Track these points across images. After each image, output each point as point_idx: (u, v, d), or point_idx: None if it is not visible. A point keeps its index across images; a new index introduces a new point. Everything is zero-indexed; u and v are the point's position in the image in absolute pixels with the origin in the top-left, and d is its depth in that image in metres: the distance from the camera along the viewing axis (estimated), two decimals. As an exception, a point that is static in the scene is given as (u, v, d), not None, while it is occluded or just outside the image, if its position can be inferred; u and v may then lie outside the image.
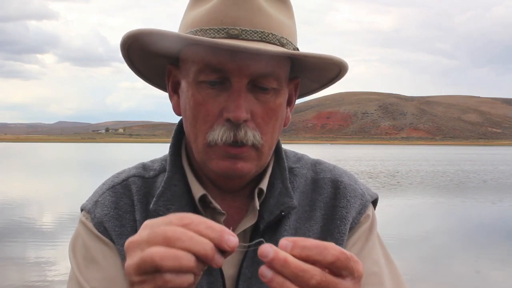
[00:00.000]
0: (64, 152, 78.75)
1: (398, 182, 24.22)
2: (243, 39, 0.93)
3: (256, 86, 0.96)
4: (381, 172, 30.93)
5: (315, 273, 0.66)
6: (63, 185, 22.43)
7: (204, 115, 0.96)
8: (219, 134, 0.95)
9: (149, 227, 0.70)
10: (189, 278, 0.67)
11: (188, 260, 0.66)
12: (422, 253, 9.44)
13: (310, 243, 0.68)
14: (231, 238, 0.68)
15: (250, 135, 0.95)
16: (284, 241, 0.67)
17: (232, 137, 0.95)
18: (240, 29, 0.93)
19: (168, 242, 0.66)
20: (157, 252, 0.66)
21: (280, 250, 0.66)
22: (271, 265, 0.66)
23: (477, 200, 17.60)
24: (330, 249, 0.67)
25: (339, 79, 1.06)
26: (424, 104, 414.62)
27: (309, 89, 1.14)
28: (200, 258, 0.67)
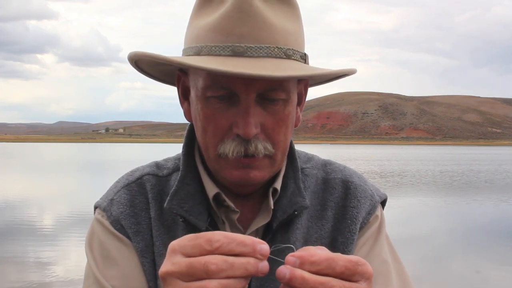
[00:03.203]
0: (64, 152, 78.61)
1: (410, 181, 24.06)
2: (248, 56, 0.93)
3: (265, 98, 0.96)
4: (389, 172, 30.70)
5: (334, 283, 0.68)
6: (63, 185, 22.15)
7: (214, 129, 0.97)
8: (230, 148, 0.96)
9: (180, 252, 0.71)
10: None
11: (240, 283, 0.69)
12: (449, 250, 9.24)
13: (318, 258, 0.69)
14: (264, 247, 0.69)
15: (261, 148, 0.96)
16: (291, 258, 0.69)
17: (243, 152, 0.96)
18: (246, 46, 0.93)
19: (211, 275, 0.68)
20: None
21: (296, 269, 0.68)
22: (289, 284, 0.68)
23: (491, 199, 17.53)
24: (338, 260, 0.69)
25: (346, 77, 1.08)
26: (424, 104, 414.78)
27: (314, 82, 1.15)
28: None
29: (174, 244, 0.72)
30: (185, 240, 0.71)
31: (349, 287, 0.69)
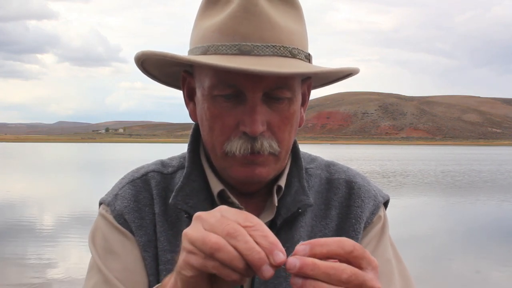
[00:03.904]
0: (64, 152, 78.64)
1: (412, 181, 24.05)
2: (255, 54, 0.95)
3: (270, 97, 0.98)
4: (391, 172, 30.63)
5: (345, 267, 0.69)
6: (63, 185, 22.12)
7: (221, 127, 0.99)
8: (236, 146, 0.98)
9: (220, 213, 0.75)
10: (234, 275, 0.71)
11: (239, 262, 0.70)
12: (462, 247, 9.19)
13: (328, 240, 0.71)
14: (279, 255, 0.69)
15: (266, 145, 0.98)
16: (301, 246, 0.71)
17: (249, 149, 0.98)
18: (252, 44, 0.95)
19: (226, 236, 0.71)
20: (217, 243, 0.70)
21: (306, 257, 0.69)
22: (300, 273, 0.69)
23: (495, 199, 17.50)
24: (345, 241, 0.71)
25: (349, 77, 1.10)
26: (424, 104, 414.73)
27: (318, 84, 1.16)
28: (248, 264, 0.70)
29: (222, 206, 0.77)
30: (233, 209, 0.75)
31: (359, 273, 0.70)
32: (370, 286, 0.71)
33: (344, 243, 0.71)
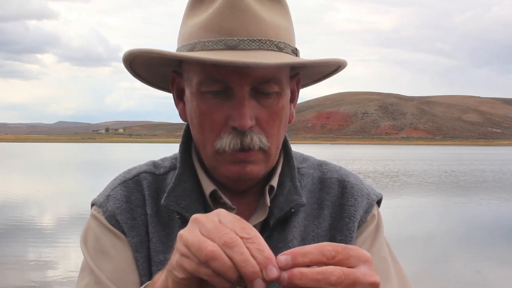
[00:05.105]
0: (64, 152, 78.69)
1: (416, 181, 23.97)
2: (241, 49, 0.95)
3: (258, 91, 0.98)
4: (394, 172, 30.54)
5: (333, 270, 0.69)
6: (63, 185, 22.11)
7: (211, 124, 0.99)
8: (226, 142, 0.98)
9: (218, 217, 0.74)
10: (226, 284, 0.71)
11: (233, 273, 0.70)
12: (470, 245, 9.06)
13: (308, 248, 0.71)
14: (273, 270, 0.69)
15: (256, 140, 0.98)
16: (282, 256, 0.70)
17: (239, 144, 0.98)
18: (238, 39, 0.95)
19: (222, 245, 0.70)
20: (212, 251, 0.70)
21: (294, 268, 0.69)
22: (290, 284, 0.69)
23: (500, 198, 17.41)
24: (326, 246, 0.71)
25: (339, 71, 1.09)
26: (424, 104, 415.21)
27: (309, 81, 1.17)
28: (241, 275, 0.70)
29: (220, 210, 0.76)
30: (231, 215, 0.74)
31: (348, 272, 0.69)
32: (364, 282, 0.70)
33: (324, 249, 0.70)
